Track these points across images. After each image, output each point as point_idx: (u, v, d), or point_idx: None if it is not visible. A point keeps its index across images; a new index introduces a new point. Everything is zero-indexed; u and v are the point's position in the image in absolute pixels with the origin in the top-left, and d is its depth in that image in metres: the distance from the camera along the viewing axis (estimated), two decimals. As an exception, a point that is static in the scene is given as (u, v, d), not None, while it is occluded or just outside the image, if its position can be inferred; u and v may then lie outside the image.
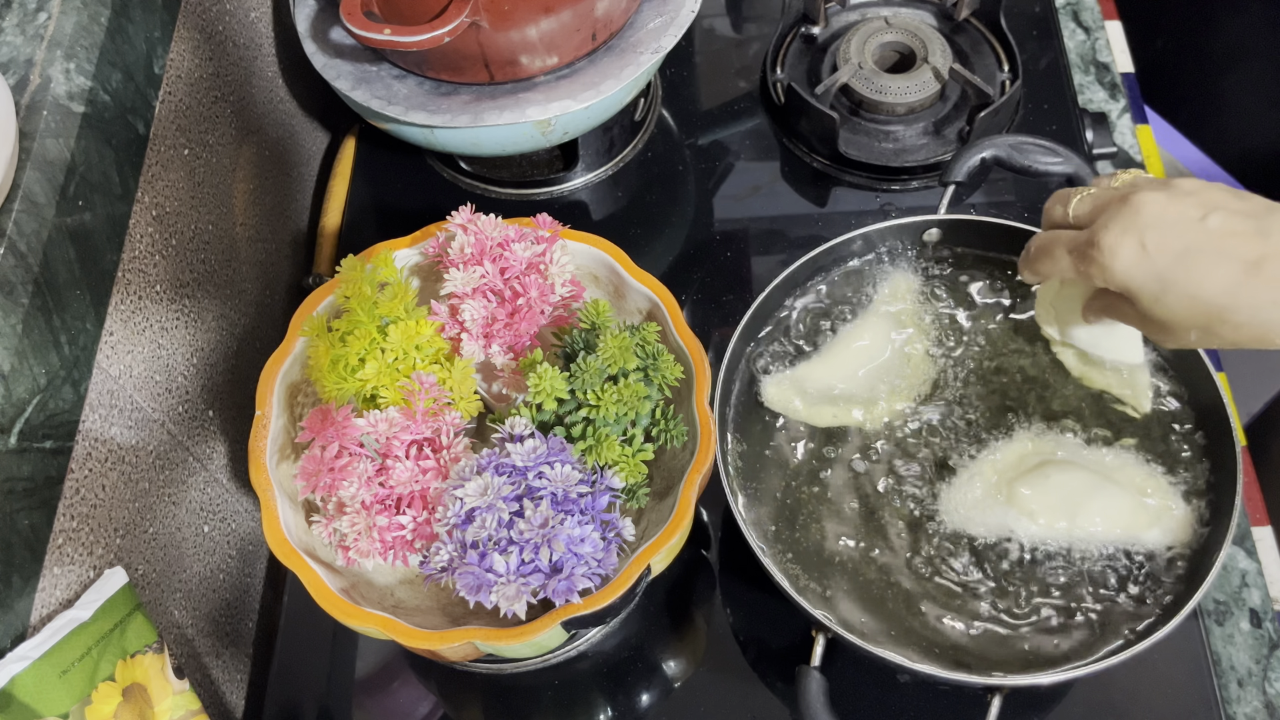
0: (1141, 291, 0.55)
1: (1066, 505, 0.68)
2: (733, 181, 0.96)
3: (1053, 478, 0.69)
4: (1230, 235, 0.53)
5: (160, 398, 0.70)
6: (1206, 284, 0.53)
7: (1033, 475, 0.69)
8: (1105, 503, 0.68)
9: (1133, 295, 0.56)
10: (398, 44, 0.75)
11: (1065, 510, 0.68)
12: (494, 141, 0.85)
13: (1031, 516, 0.68)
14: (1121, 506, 0.68)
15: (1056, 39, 1.01)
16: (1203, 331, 0.55)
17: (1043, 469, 0.69)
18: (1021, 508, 0.68)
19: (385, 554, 0.63)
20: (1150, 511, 0.68)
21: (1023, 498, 0.68)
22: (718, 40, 1.05)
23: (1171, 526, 0.67)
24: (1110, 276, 0.56)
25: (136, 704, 0.60)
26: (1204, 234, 0.54)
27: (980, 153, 0.77)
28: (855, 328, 0.76)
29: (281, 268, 0.93)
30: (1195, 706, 0.70)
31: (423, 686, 0.77)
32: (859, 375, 0.74)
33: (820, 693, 0.63)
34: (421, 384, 0.64)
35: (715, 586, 0.78)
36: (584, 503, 0.60)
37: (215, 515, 0.77)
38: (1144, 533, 0.67)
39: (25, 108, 0.59)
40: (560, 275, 0.68)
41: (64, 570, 0.59)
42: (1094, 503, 0.68)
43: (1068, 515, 0.68)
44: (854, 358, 0.75)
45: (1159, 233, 0.54)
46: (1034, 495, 0.68)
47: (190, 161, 0.76)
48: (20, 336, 0.54)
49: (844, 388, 0.74)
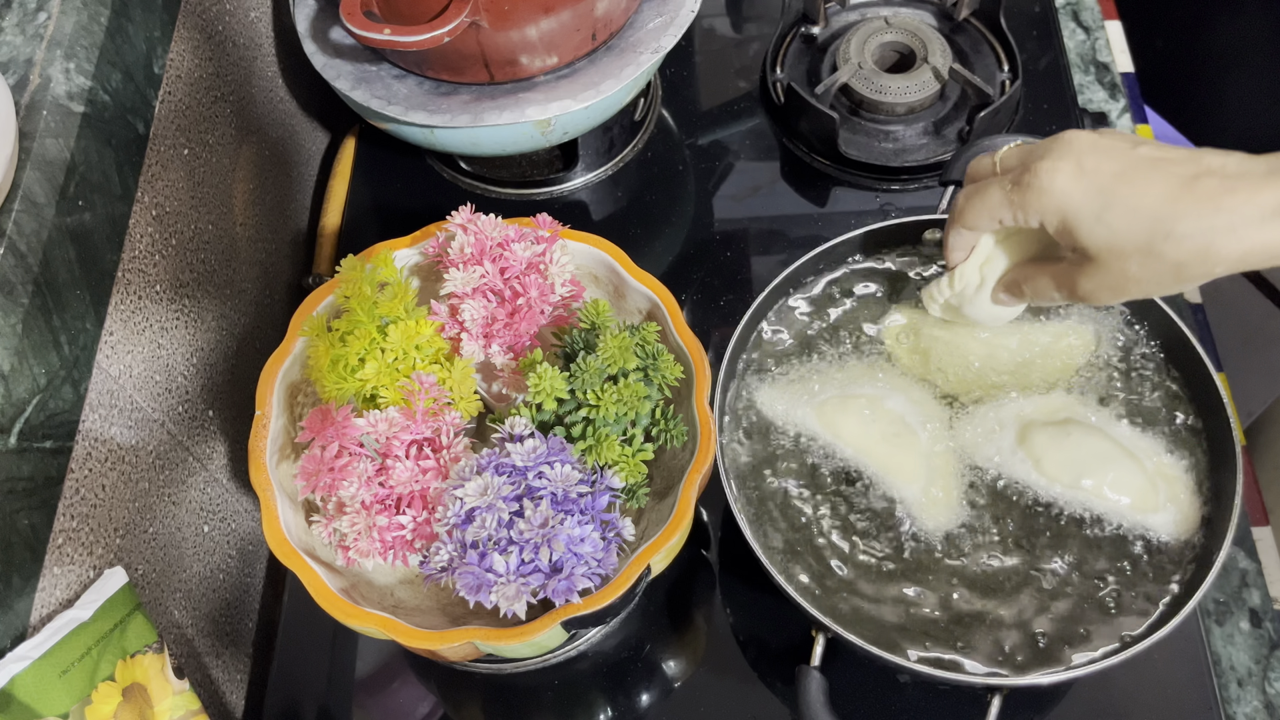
0: (1081, 210, 0.55)
1: (1074, 465, 0.68)
2: (733, 181, 0.96)
3: (1073, 435, 0.69)
4: (1162, 160, 0.54)
5: (160, 398, 0.70)
6: (1149, 194, 0.53)
7: (1054, 428, 0.70)
8: (1116, 474, 0.68)
9: (1069, 220, 0.56)
10: (398, 44, 0.75)
11: (1072, 469, 0.68)
12: (494, 141, 0.85)
13: (1038, 464, 0.69)
14: (1131, 483, 0.68)
15: (1056, 39, 1.01)
16: (1144, 255, 0.54)
17: (1066, 425, 0.70)
18: (1030, 452, 0.69)
19: (385, 554, 0.63)
20: (1157, 497, 0.68)
21: (1036, 444, 0.69)
22: (718, 40, 1.05)
23: (1172, 520, 0.68)
24: (1048, 200, 0.56)
25: (136, 704, 0.60)
26: (1137, 159, 0.55)
27: (980, 152, 0.77)
28: (859, 324, 0.76)
29: (281, 268, 0.93)
30: (1195, 706, 0.70)
31: (423, 686, 0.77)
32: (864, 369, 0.75)
33: (820, 693, 0.63)
34: (421, 384, 0.64)
35: (715, 586, 0.78)
36: (584, 503, 0.60)
37: (215, 515, 0.77)
38: (1145, 516, 0.68)
39: (25, 108, 0.59)
40: (560, 275, 0.68)
41: (64, 570, 0.59)
42: (1104, 471, 0.68)
43: (1073, 475, 0.68)
44: (859, 357, 0.75)
45: (1095, 156, 0.55)
46: (1048, 445, 0.69)
47: (190, 161, 0.76)
48: (20, 336, 0.54)
49: (849, 387, 0.74)
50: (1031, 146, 0.59)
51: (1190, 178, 0.53)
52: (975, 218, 0.62)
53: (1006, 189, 0.59)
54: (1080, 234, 0.56)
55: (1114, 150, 0.55)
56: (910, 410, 0.72)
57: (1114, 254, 0.55)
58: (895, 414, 0.72)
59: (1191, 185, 0.53)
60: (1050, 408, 0.72)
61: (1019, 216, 0.59)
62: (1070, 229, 0.56)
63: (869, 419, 0.72)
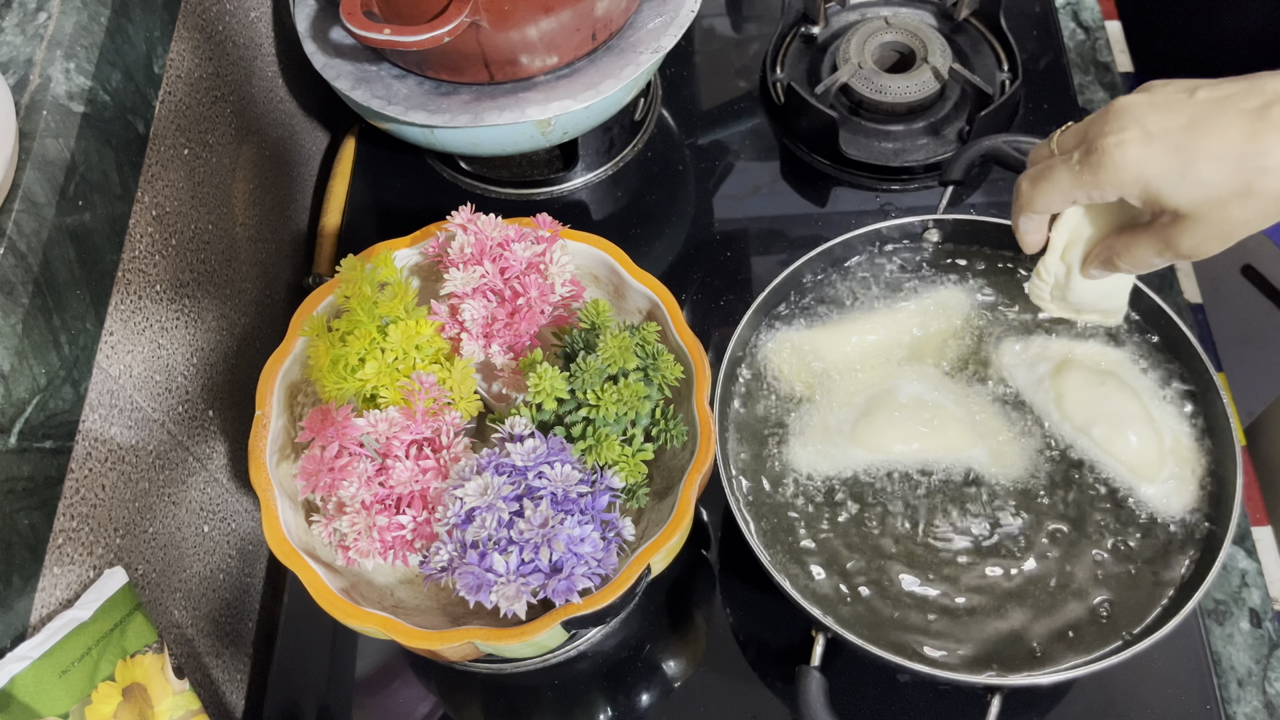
0: (1163, 175, 0.53)
1: (1091, 412, 0.69)
2: (733, 181, 0.96)
3: (1107, 386, 0.70)
4: (1225, 97, 0.53)
5: (160, 398, 0.70)
6: (1227, 137, 0.52)
7: (1091, 374, 0.71)
8: (1129, 435, 0.69)
9: (1152, 186, 0.54)
10: (398, 44, 0.75)
11: (1086, 414, 0.70)
12: (494, 141, 0.85)
13: (1059, 399, 0.70)
14: (1140, 450, 0.69)
15: (1056, 39, 1.01)
16: (1243, 196, 0.52)
17: (1103, 375, 0.71)
18: (1057, 387, 0.70)
19: (385, 554, 0.63)
20: (1160, 471, 0.69)
21: (1066, 381, 0.70)
22: (718, 40, 1.05)
23: (1164, 495, 0.68)
24: (1124, 173, 0.54)
25: (136, 704, 0.60)
26: (1199, 104, 0.53)
27: (980, 152, 0.77)
28: (863, 318, 0.77)
29: (281, 268, 0.93)
30: (1195, 706, 0.70)
31: (423, 686, 0.77)
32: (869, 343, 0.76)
33: (820, 693, 0.63)
34: (421, 384, 0.64)
35: (715, 586, 0.78)
36: (584, 503, 0.60)
37: (215, 515, 0.77)
38: (1140, 483, 0.69)
39: (25, 108, 0.59)
40: (560, 275, 0.68)
41: (64, 570, 0.59)
42: (1119, 429, 0.69)
43: (1086, 420, 0.69)
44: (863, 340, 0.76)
45: (1158, 115, 0.54)
46: (1077, 386, 0.70)
47: (190, 161, 0.76)
48: (20, 336, 0.54)
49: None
50: (1087, 122, 0.57)
51: (1261, 109, 0.52)
52: (1046, 201, 0.60)
53: (1075, 169, 0.57)
54: (1168, 196, 0.54)
55: (1174, 103, 0.54)
56: (925, 390, 0.73)
57: (1211, 205, 0.54)
58: (917, 399, 0.72)
59: (1265, 115, 0.51)
60: (1095, 357, 0.73)
61: (1094, 194, 0.57)
62: (1155, 195, 0.55)
63: (900, 419, 0.72)
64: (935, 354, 0.75)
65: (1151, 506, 0.68)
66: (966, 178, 0.78)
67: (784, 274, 0.76)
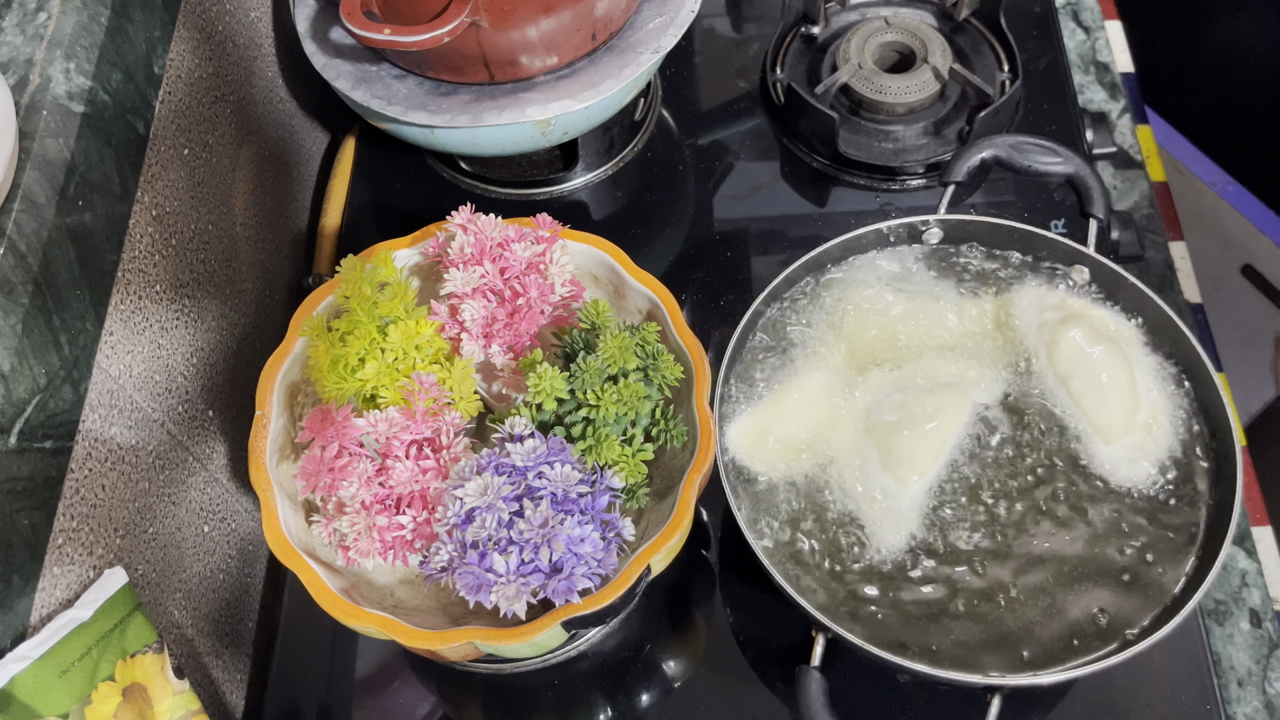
0: None
1: (1074, 365, 0.70)
2: (733, 181, 0.96)
3: (1101, 347, 0.70)
4: None
5: (160, 398, 0.70)
6: None
7: (1093, 333, 0.71)
8: (1104, 397, 0.70)
9: None
10: (398, 44, 0.75)
11: (1069, 366, 0.70)
12: (494, 141, 0.85)
13: (1050, 348, 0.71)
14: (1108, 414, 0.70)
15: (1056, 39, 1.01)
16: None
17: (1104, 338, 0.71)
18: (1053, 335, 0.71)
19: (385, 554, 0.63)
20: (1123, 439, 0.69)
21: (1063, 333, 0.71)
22: (718, 40, 1.05)
23: (1118, 461, 0.69)
24: None
25: (136, 704, 0.60)
26: None
27: (980, 153, 0.77)
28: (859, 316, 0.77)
29: (281, 268, 0.93)
30: (1195, 706, 0.70)
31: (423, 686, 0.77)
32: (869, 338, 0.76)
33: (820, 693, 0.63)
34: (421, 384, 0.64)
35: (715, 586, 0.78)
36: (584, 503, 0.60)
37: (215, 515, 0.77)
38: (1095, 442, 0.70)
39: (25, 108, 0.59)
40: (560, 275, 0.68)
41: (64, 570, 0.59)
42: (1096, 389, 0.70)
43: (1066, 371, 0.71)
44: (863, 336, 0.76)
45: None
46: (1071, 342, 0.71)
47: (190, 161, 0.76)
48: (20, 336, 0.54)
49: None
50: None
51: None
52: None
53: None
54: None
55: None
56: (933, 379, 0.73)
57: None
58: (924, 392, 0.72)
59: None
60: (1106, 323, 0.73)
61: None
62: None
63: (916, 418, 0.71)
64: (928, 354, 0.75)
65: (1104, 467, 0.69)
66: (967, 178, 0.78)
67: (784, 274, 0.76)
